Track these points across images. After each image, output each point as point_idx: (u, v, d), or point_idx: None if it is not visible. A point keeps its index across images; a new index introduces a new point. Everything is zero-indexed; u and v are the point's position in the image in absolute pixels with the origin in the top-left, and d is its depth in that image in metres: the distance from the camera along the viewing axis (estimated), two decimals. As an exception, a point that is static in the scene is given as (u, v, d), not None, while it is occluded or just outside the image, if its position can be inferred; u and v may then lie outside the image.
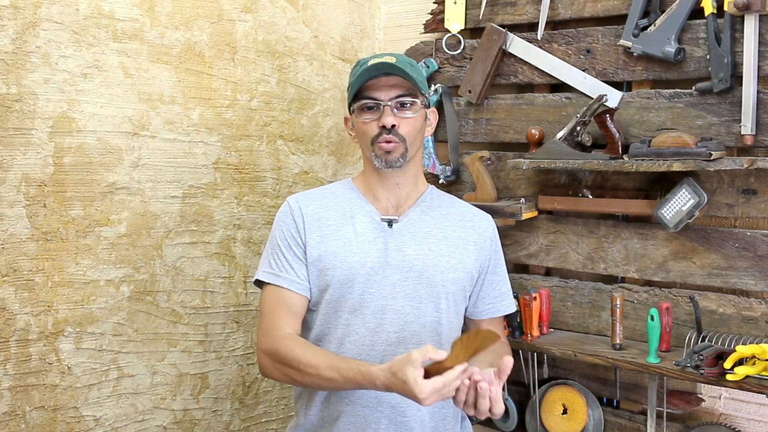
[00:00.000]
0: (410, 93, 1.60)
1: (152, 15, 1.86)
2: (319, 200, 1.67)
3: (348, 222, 1.63)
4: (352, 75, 1.64)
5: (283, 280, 1.59)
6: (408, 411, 1.57)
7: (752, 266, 1.67)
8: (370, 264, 1.58)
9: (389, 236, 1.61)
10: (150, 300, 1.92)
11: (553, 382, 1.95)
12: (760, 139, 1.63)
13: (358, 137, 1.65)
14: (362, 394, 1.56)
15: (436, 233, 1.64)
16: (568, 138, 1.80)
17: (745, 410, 1.78)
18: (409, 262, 1.59)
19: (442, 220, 1.67)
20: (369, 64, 1.59)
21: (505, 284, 1.75)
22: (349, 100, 1.64)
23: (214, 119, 2.02)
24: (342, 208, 1.65)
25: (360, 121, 1.61)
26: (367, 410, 1.56)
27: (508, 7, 1.98)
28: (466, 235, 1.67)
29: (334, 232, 1.61)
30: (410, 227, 1.63)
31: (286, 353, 1.52)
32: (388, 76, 1.57)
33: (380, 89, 1.58)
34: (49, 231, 1.73)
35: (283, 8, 2.16)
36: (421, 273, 1.59)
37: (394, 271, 1.58)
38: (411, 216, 1.65)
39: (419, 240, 1.62)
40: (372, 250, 1.59)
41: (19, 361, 1.69)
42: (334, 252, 1.59)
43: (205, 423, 2.07)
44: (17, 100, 1.65)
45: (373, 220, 1.63)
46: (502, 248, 1.77)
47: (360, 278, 1.57)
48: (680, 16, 1.69)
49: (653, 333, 1.67)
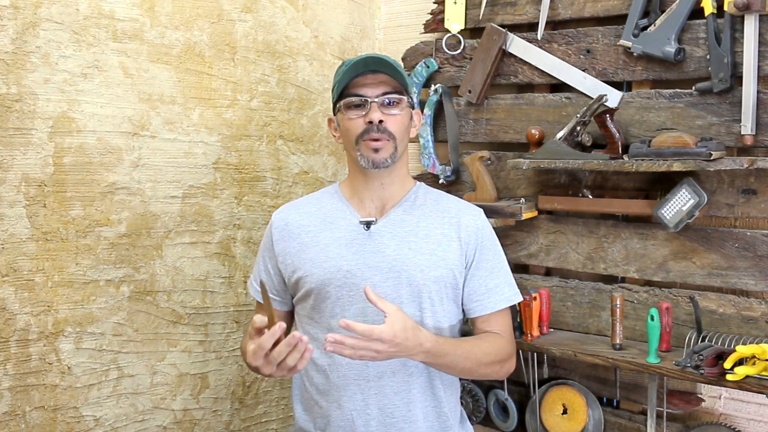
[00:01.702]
0: (397, 91, 1.59)
1: (152, 15, 1.86)
2: (302, 209, 1.70)
3: (327, 228, 1.64)
4: (337, 74, 1.63)
5: (258, 294, 1.69)
6: (396, 412, 1.57)
7: (752, 266, 1.67)
8: (346, 267, 1.57)
9: (366, 238, 1.60)
10: (150, 300, 1.92)
11: (553, 382, 1.95)
12: (760, 139, 1.63)
13: (343, 137, 1.63)
14: (349, 399, 1.57)
15: (417, 231, 1.62)
16: (568, 138, 1.80)
17: (745, 410, 1.78)
18: (388, 263, 1.58)
19: (424, 218, 1.64)
20: (355, 61, 1.58)
21: (495, 279, 1.65)
22: (335, 98, 1.63)
23: (214, 119, 2.02)
24: (323, 215, 1.66)
25: (346, 118, 1.60)
26: (355, 413, 1.57)
27: (508, 7, 1.98)
28: (449, 231, 1.63)
29: (313, 239, 1.63)
30: (390, 227, 1.62)
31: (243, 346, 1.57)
32: (375, 73, 1.57)
33: (367, 86, 1.57)
34: (49, 231, 1.73)
35: (283, 8, 2.16)
36: (400, 273, 1.57)
37: (373, 272, 1.57)
38: (392, 216, 1.64)
39: (399, 240, 1.60)
40: (348, 254, 1.59)
41: (19, 361, 1.70)
42: (312, 259, 1.61)
43: (205, 423, 2.07)
44: (17, 100, 1.65)
45: (352, 224, 1.63)
46: (499, 245, 1.70)
47: (337, 282, 1.57)
48: (680, 16, 1.69)
49: (653, 333, 1.67)
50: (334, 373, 1.58)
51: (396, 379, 1.57)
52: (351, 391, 1.57)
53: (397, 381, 1.57)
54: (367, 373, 1.56)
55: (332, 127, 1.69)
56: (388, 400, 1.57)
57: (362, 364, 1.54)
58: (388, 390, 1.57)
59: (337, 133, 1.67)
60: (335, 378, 1.58)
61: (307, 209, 1.69)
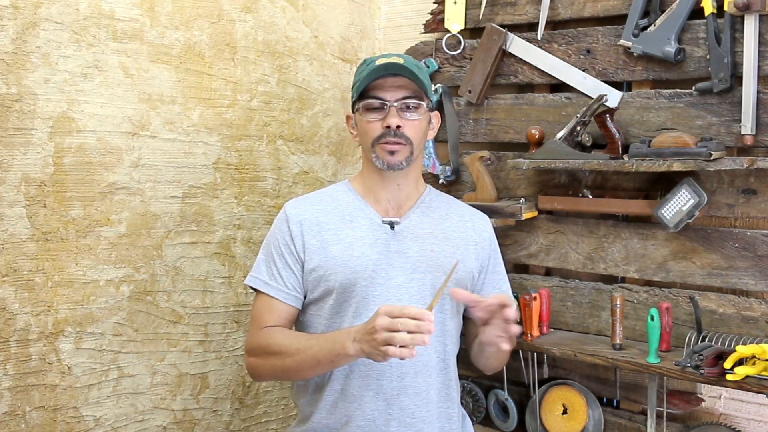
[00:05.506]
0: (416, 95, 1.59)
1: (152, 15, 1.86)
2: (317, 204, 1.66)
3: (347, 226, 1.62)
4: (358, 73, 1.63)
5: (272, 288, 1.61)
6: (416, 412, 1.57)
7: (752, 266, 1.67)
8: (372, 267, 1.57)
9: (391, 238, 1.61)
10: (150, 300, 1.92)
11: (553, 382, 1.95)
12: (760, 139, 1.63)
13: (360, 137, 1.64)
14: (372, 398, 1.56)
15: (437, 234, 1.64)
16: (568, 138, 1.80)
17: (745, 410, 1.78)
18: (412, 264, 1.59)
19: (442, 221, 1.67)
20: (377, 64, 1.58)
21: (505, 283, 1.76)
22: (354, 98, 1.63)
23: (214, 119, 2.02)
24: (341, 212, 1.64)
25: (364, 120, 1.60)
26: (377, 413, 1.56)
27: (508, 7, 1.98)
28: (466, 235, 1.67)
29: (334, 236, 1.61)
30: (412, 228, 1.63)
31: (267, 342, 1.56)
32: (396, 76, 1.56)
33: (387, 90, 1.57)
34: (49, 231, 1.73)
35: (283, 8, 2.16)
36: (424, 274, 1.59)
37: (398, 273, 1.58)
38: (412, 217, 1.65)
39: (421, 241, 1.62)
40: (374, 253, 1.59)
41: (19, 361, 1.69)
42: (335, 257, 1.58)
43: (205, 423, 2.07)
44: (17, 100, 1.65)
45: (374, 223, 1.63)
46: (500, 248, 1.77)
47: (362, 282, 1.56)
48: (680, 16, 1.69)
49: (653, 333, 1.67)
50: (356, 374, 1.56)
51: (418, 380, 1.57)
52: (373, 391, 1.56)
53: (419, 382, 1.57)
54: (390, 373, 1.55)
55: (350, 124, 1.70)
56: (410, 400, 1.56)
57: (385, 364, 1.52)
58: (410, 391, 1.56)
59: (355, 131, 1.67)
60: (357, 378, 1.56)
61: (323, 206, 1.66)
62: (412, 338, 1.31)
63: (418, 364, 1.56)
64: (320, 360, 1.47)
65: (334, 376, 1.58)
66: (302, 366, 1.50)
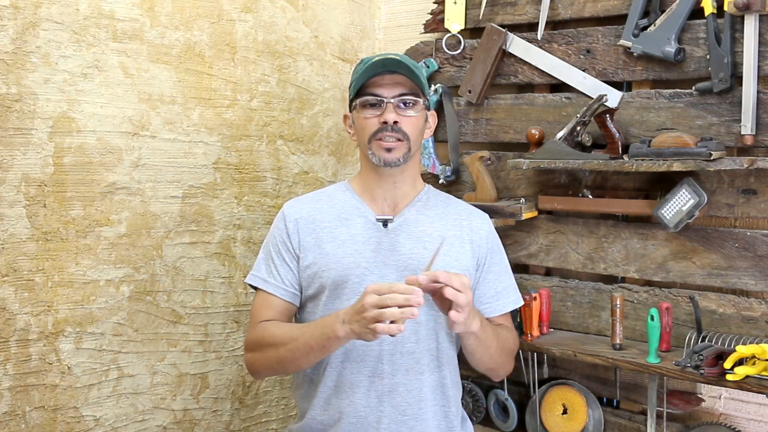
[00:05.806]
0: (413, 92, 1.60)
1: (152, 15, 1.86)
2: (314, 204, 1.69)
3: (343, 224, 1.64)
4: (355, 72, 1.64)
5: (269, 285, 1.65)
6: (408, 410, 1.57)
7: (752, 266, 1.67)
8: (364, 264, 1.58)
9: (383, 236, 1.61)
10: (150, 300, 1.92)
11: (553, 382, 1.95)
12: (760, 139, 1.63)
13: (357, 134, 1.65)
14: (363, 395, 1.56)
15: (431, 232, 1.64)
16: (568, 138, 1.80)
17: (745, 410, 1.78)
18: (404, 261, 1.59)
19: (437, 219, 1.67)
20: (374, 61, 1.59)
21: (503, 282, 1.73)
22: (351, 96, 1.64)
23: (214, 119, 2.02)
24: (337, 211, 1.66)
25: (361, 117, 1.61)
26: (368, 410, 1.56)
27: (508, 7, 1.98)
28: (462, 234, 1.67)
29: (329, 234, 1.63)
30: (405, 226, 1.63)
31: (263, 335, 1.59)
32: (393, 74, 1.58)
33: (384, 86, 1.58)
34: (49, 231, 1.73)
35: (283, 8, 2.16)
36: (416, 272, 1.58)
37: (390, 270, 1.58)
38: (406, 215, 1.65)
39: (414, 239, 1.62)
40: (366, 251, 1.60)
41: (19, 361, 1.69)
42: (329, 254, 1.60)
43: (205, 423, 2.07)
44: (17, 100, 1.65)
45: (368, 221, 1.64)
46: (502, 247, 1.76)
47: (354, 278, 1.57)
48: (680, 16, 1.69)
49: (653, 333, 1.67)
50: (348, 370, 1.57)
51: (409, 377, 1.57)
52: (365, 387, 1.57)
53: (411, 379, 1.58)
54: (381, 370, 1.56)
55: (347, 123, 1.71)
56: (401, 398, 1.57)
57: (377, 361, 1.55)
58: (401, 388, 1.57)
59: (352, 129, 1.68)
60: (349, 374, 1.57)
61: (320, 205, 1.68)
62: (401, 312, 1.32)
63: (409, 361, 1.57)
64: (312, 346, 1.49)
65: (328, 371, 1.59)
66: (296, 354, 1.52)
